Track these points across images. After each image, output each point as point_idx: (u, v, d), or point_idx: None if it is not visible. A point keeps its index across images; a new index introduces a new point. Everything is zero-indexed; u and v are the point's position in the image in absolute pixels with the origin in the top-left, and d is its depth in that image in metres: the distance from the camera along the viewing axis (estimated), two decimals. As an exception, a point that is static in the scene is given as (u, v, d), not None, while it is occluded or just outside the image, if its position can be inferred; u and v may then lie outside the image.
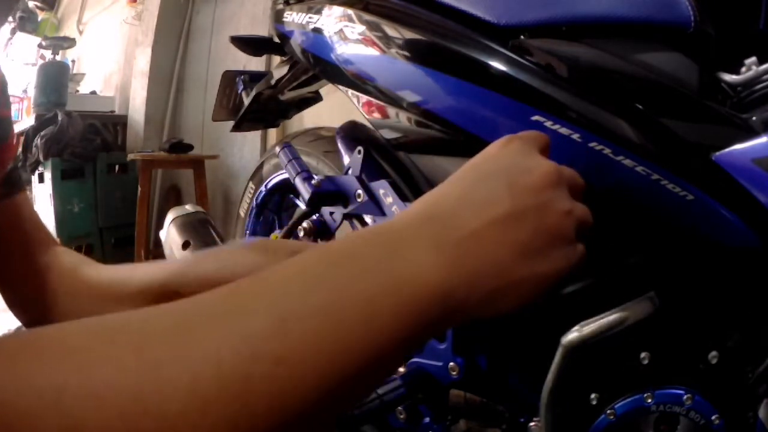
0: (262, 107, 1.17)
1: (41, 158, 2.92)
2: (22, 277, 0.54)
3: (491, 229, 0.32)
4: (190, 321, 0.25)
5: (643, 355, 0.59)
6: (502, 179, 0.34)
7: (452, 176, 0.36)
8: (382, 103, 0.79)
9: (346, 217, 0.75)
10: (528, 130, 0.41)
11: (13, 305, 0.55)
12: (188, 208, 0.99)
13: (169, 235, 0.84)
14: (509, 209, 0.32)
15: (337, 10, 0.81)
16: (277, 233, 0.94)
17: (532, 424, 0.67)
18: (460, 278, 0.30)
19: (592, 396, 0.61)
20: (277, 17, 0.95)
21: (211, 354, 0.23)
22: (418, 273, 0.29)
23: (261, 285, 0.27)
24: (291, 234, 0.83)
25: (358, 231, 0.34)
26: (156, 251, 2.86)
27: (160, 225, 1.10)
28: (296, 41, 0.91)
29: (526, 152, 0.37)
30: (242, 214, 1.34)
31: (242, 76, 1.21)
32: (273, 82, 1.12)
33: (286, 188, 1.21)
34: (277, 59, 1.21)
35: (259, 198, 1.27)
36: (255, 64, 2.55)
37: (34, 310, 0.54)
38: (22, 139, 3.00)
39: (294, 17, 0.90)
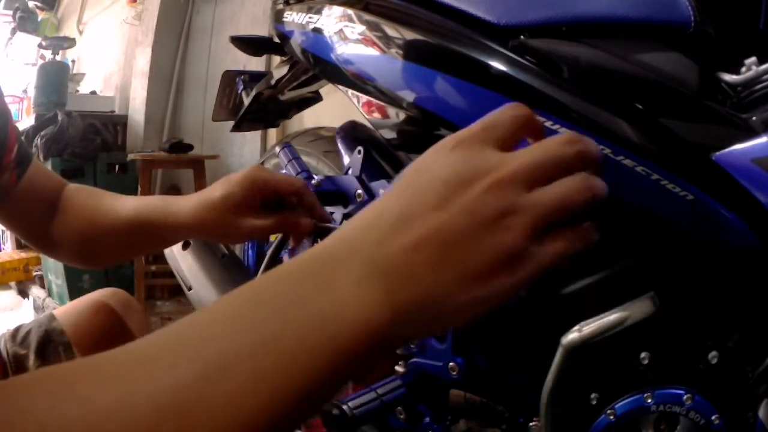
0: (262, 107, 1.18)
1: (41, 158, 2.92)
2: (43, 223, 0.68)
3: (423, 254, 0.29)
4: (125, 370, 0.27)
5: (643, 355, 0.59)
6: (437, 196, 0.30)
7: (392, 189, 0.32)
8: (382, 103, 0.79)
9: (346, 217, 0.75)
10: (494, 112, 0.34)
11: (32, 240, 0.70)
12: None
13: (169, 235, 0.84)
14: (444, 233, 0.29)
15: (337, 10, 0.81)
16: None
17: (532, 424, 0.67)
18: (390, 313, 0.28)
19: (592, 396, 0.61)
20: (277, 17, 0.95)
21: (134, 404, 0.25)
22: (342, 312, 0.28)
23: (190, 330, 0.28)
24: (290, 234, 0.83)
25: (291, 261, 0.31)
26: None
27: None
28: (296, 41, 0.91)
29: (472, 157, 0.31)
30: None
31: (242, 76, 1.21)
32: (273, 82, 1.12)
33: (286, 188, 1.21)
34: (277, 59, 1.21)
35: (259, 198, 1.27)
36: (255, 64, 2.54)
37: (48, 241, 0.69)
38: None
39: (294, 17, 0.90)
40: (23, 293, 3.20)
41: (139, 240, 0.67)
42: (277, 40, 1.01)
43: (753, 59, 0.58)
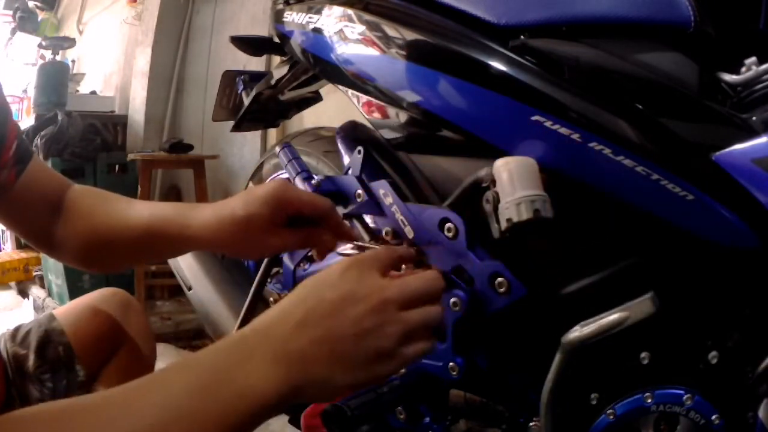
0: (262, 107, 1.18)
1: (41, 158, 2.92)
2: (44, 222, 0.66)
3: (319, 349, 0.41)
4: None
5: (643, 355, 0.59)
6: (332, 307, 0.42)
7: (296, 293, 0.44)
8: (382, 103, 0.79)
9: (346, 217, 0.75)
10: (373, 251, 0.50)
11: (33, 239, 0.68)
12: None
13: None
14: (334, 335, 0.41)
15: (337, 10, 0.81)
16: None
17: (532, 424, 0.67)
18: (286, 390, 0.40)
19: (592, 396, 0.61)
20: (277, 17, 0.95)
21: None
22: (261, 382, 0.39)
23: (123, 401, 0.38)
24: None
25: (218, 344, 0.43)
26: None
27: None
28: (296, 41, 0.91)
29: (360, 280, 0.44)
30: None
31: (242, 76, 1.21)
32: (273, 82, 1.12)
33: (286, 188, 1.21)
34: (277, 59, 1.21)
35: (259, 198, 1.27)
36: (255, 64, 2.54)
37: (50, 241, 0.67)
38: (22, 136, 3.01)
39: (294, 17, 0.90)
40: (23, 293, 3.19)
41: (150, 250, 0.65)
42: (277, 40, 1.01)
43: (753, 59, 0.58)
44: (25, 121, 3.32)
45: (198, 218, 0.60)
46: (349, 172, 0.76)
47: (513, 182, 0.57)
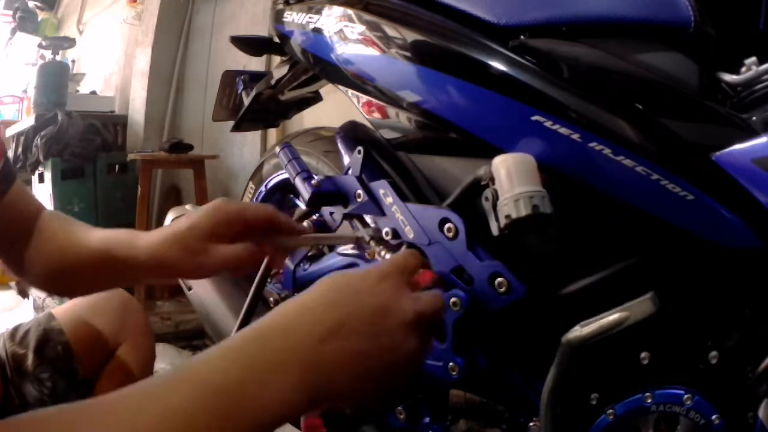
0: (262, 107, 1.17)
1: (41, 158, 2.92)
2: (20, 246, 0.65)
3: (350, 359, 0.39)
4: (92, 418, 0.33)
5: (643, 355, 0.59)
6: (368, 320, 0.40)
7: (318, 298, 0.41)
8: (382, 103, 0.79)
9: (346, 217, 0.75)
10: (403, 252, 0.50)
11: (8, 263, 0.67)
12: (188, 208, 0.99)
13: (169, 234, 0.83)
14: (365, 348, 0.39)
15: (337, 10, 0.81)
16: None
17: (532, 424, 0.67)
18: (319, 397, 0.38)
19: (592, 396, 0.61)
20: (277, 17, 0.95)
21: None
22: (287, 394, 0.36)
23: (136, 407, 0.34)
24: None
25: (239, 360, 0.38)
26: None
27: (160, 225, 1.10)
28: (296, 41, 0.91)
29: (393, 292, 0.42)
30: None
31: (242, 76, 1.21)
32: (273, 82, 1.12)
33: (286, 188, 1.21)
34: (277, 59, 1.21)
35: (259, 198, 1.27)
36: (255, 64, 2.54)
37: (22, 265, 0.66)
38: (22, 139, 3.01)
39: (294, 17, 0.90)
40: (23, 293, 3.19)
41: (104, 275, 0.63)
42: (277, 40, 1.01)
43: (753, 59, 0.58)
44: (25, 121, 3.32)
45: (145, 238, 0.59)
46: (349, 172, 0.76)
47: (511, 179, 0.57)
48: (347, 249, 0.84)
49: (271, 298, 0.96)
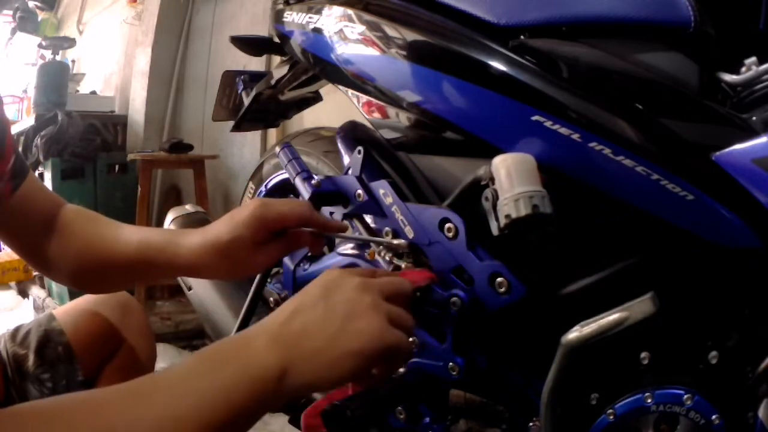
0: (262, 107, 1.17)
1: (41, 158, 2.92)
2: (40, 240, 0.66)
3: (311, 327, 0.45)
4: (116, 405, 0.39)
5: (643, 355, 0.59)
6: (321, 294, 0.47)
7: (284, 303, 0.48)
8: (382, 103, 0.79)
9: (346, 217, 0.75)
10: (401, 279, 0.54)
11: (30, 259, 0.69)
12: (188, 208, 1.00)
13: (169, 235, 0.83)
14: (324, 315, 0.45)
15: (337, 10, 0.81)
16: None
17: (532, 424, 0.67)
18: (290, 359, 0.43)
19: (592, 396, 0.61)
20: (277, 17, 0.95)
21: None
22: (261, 356, 0.43)
23: (154, 388, 0.41)
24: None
25: (223, 339, 0.48)
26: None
27: (160, 225, 1.10)
28: (296, 41, 0.91)
29: (351, 279, 0.48)
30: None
31: (242, 76, 1.21)
32: (273, 82, 1.12)
33: (286, 188, 1.21)
34: (277, 59, 1.21)
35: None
36: (255, 64, 2.54)
37: (47, 260, 0.67)
38: (21, 139, 3.01)
39: (294, 17, 0.90)
40: (23, 293, 3.19)
41: (140, 275, 0.68)
42: (277, 40, 1.01)
43: (753, 59, 0.58)
44: (25, 121, 3.32)
45: (186, 246, 0.61)
46: (349, 172, 0.76)
47: (511, 179, 0.57)
48: (347, 249, 0.84)
49: (271, 298, 0.96)
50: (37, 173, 3.08)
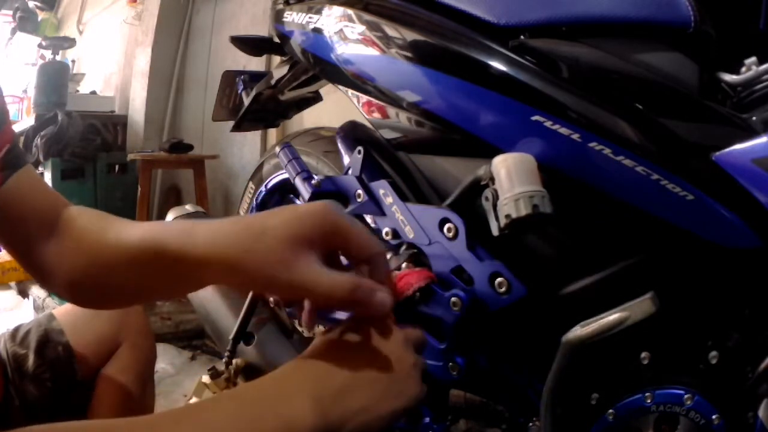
0: (262, 107, 1.17)
1: (41, 158, 2.92)
2: (38, 245, 0.57)
3: (354, 383, 0.43)
4: None
5: (643, 355, 0.59)
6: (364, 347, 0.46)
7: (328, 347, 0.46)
8: (382, 103, 0.79)
9: (346, 217, 0.75)
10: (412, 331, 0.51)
11: (28, 266, 0.58)
12: (188, 208, 0.99)
13: (169, 235, 0.83)
14: (368, 374, 0.44)
15: (337, 10, 0.81)
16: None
17: (531, 424, 0.67)
18: (332, 420, 0.41)
19: (593, 396, 0.61)
20: (277, 17, 0.95)
21: None
22: (299, 417, 0.40)
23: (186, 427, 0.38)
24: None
25: (259, 380, 0.44)
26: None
27: (160, 225, 1.10)
28: (296, 41, 0.91)
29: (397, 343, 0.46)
30: (242, 214, 1.34)
31: (242, 76, 1.21)
32: (273, 82, 1.12)
33: (286, 188, 1.21)
34: (277, 59, 1.21)
35: (259, 198, 1.27)
36: (255, 64, 2.54)
37: (41, 264, 0.57)
38: (21, 139, 3.01)
39: (294, 17, 0.90)
40: (23, 293, 3.19)
41: (148, 275, 0.50)
42: (277, 40, 1.01)
43: (753, 59, 0.58)
44: (25, 121, 3.32)
45: (207, 230, 0.45)
46: (349, 172, 0.76)
47: (511, 178, 0.57)
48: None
49: (271, 298, 0.96)
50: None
